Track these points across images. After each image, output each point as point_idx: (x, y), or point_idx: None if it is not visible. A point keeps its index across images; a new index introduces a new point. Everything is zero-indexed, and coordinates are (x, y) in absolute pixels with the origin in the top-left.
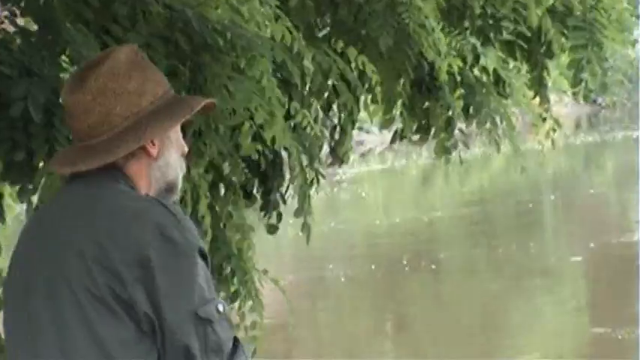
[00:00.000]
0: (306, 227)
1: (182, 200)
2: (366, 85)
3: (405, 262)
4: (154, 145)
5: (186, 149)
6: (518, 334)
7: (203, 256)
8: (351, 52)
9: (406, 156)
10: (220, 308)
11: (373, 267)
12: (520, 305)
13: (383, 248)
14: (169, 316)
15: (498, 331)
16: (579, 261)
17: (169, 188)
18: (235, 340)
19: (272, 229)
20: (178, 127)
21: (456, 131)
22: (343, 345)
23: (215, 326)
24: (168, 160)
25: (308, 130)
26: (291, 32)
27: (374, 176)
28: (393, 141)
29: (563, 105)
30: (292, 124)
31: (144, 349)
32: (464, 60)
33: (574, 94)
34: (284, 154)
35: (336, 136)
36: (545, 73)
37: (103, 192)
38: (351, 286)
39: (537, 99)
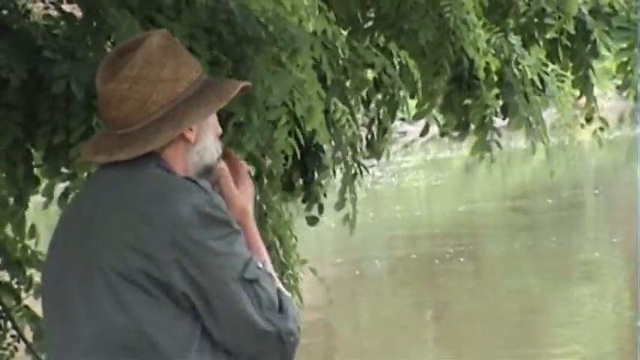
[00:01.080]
0: (348, 218)
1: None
2: (407, 80)
3: (435, 256)
4: (191, 130)
5: (220, 130)
6: (556, 330)
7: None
8: (393, 46)
9: (449, 147)
10: (260, 265)
11: (402, 261)
12: (558, 300)
13: (418, 241)
14: (217, 289)
15: (534, 327)
16: (619, 256)
17: (207, 170)
18: (278, 291)
19: (312, 221)
20: (214, 111)
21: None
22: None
23: (262, 282)
24: (206, 143)
25: (346, 127)
26: (333, 26)
27: (415, 168)
28: (422, 134)
29: (607, 98)
30: (330, 119)
31: (187, 329)
32: (503, 58)
33: (618, 88)
34: (325, 146)
35: (374, 130)
36: (590, 73)
37: (136, 176)
38: (376, 281)
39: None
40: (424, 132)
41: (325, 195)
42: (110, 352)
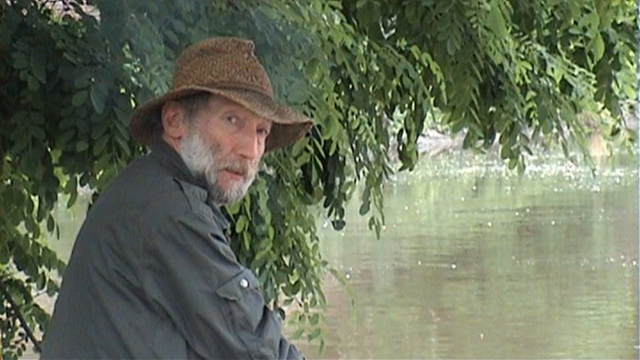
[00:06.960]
0: (373, 222)
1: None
2: (430, 87)
3: (440, 272)
4: (177, 127)
5: (225, 148)
6: (560, 345)
7: (218, 239)
8: (415, 49)
9: (460, 159)
10: (244, 284)
11: (406, 274)
12: (560, 320)
13: (423, 256)
14: (190, 301)
15: (538, 340)
16: (626, 277)
17: (200, 179)
18: (265, 309)
19: (339, 225)
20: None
21: (519, 137)
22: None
23: (240, 302)
24: (192, 144)
25: (364, 137)
26: (354, 36)
27: (426, 182)
28: (465, 146)
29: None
30: (350, 128)
31: (162, 335)
32: (531, 65)
33: (630, 107)
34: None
35: (404, 140)
36: (613, 85)
37: (131, 175)
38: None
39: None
40: (467, 144)
41: (346, 198)
42: (89, 352)
